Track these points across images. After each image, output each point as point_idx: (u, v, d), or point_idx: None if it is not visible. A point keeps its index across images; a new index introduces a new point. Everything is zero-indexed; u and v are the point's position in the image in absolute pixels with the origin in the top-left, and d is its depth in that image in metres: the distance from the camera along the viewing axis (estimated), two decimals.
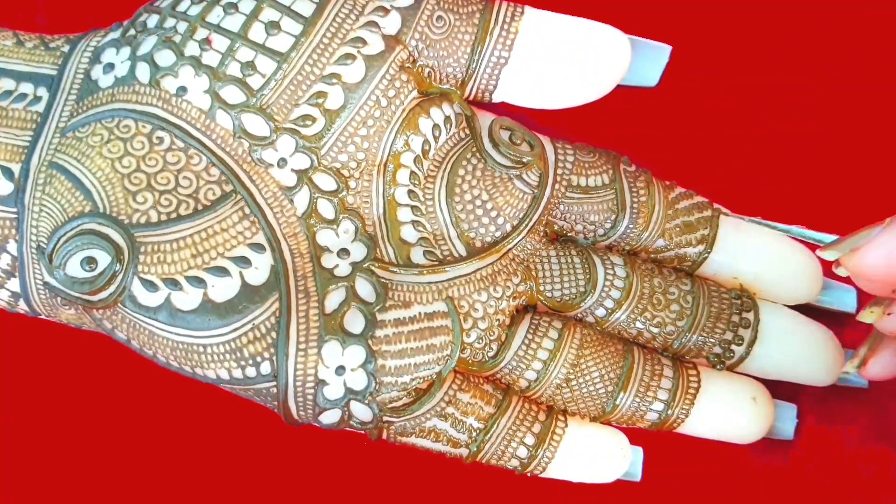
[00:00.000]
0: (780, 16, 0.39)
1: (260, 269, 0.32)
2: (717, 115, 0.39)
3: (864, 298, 0.36)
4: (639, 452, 0.35)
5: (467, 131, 0.35)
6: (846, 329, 0.35)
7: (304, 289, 0.32)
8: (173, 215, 0.32)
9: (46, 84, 0.34)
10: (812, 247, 0.36)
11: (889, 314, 0.29)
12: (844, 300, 0.36)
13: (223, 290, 0.32)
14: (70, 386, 0.37)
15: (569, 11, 0.35)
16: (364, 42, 0.33)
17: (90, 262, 0.31)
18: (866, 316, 0.30)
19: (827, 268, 0.36)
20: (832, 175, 0.39)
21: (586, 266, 0.35)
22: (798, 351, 0.35)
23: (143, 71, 0.33)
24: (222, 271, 0.32)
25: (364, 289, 0.33)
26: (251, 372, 0.32)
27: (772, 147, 0.39)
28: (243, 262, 0.32)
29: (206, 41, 0.33)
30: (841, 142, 0.39)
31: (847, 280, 0.37)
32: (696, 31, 0.39)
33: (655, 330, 0.35)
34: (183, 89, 0.33)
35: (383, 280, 0.33)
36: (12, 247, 0.33)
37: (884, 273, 0.28)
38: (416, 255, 0.34)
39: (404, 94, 0.34)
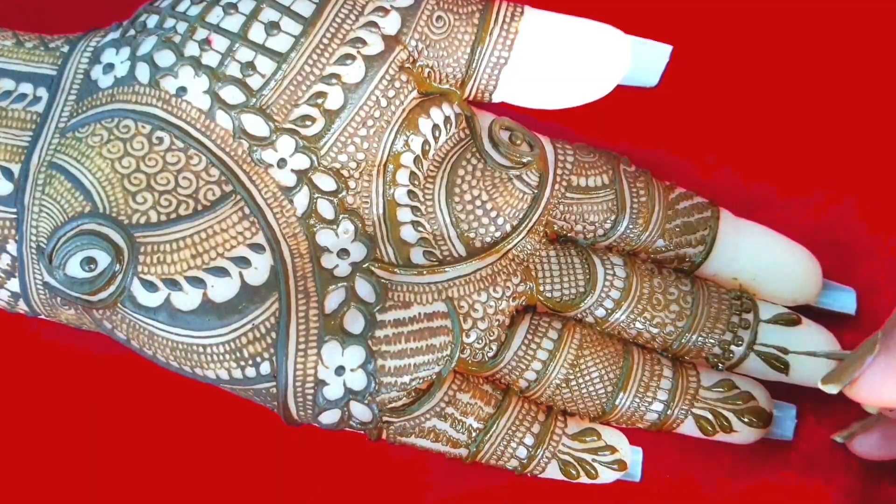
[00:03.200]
0: (781, 16, 0.39)
1: (259, 270, 0.32)
2: (717, 115, 0.39)
3: (863, 300, 0.36)
4: (638, 452, 0.35)
5: (467, 131, 0.35)
6: (845, 331, 0.35)
7: (303, 289, 0.32)
8: (173, 216, 0.32)
9: (46, 84, 0.34)
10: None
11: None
12: (844, 301, 0.36)
13: (223, 290, 0.32)
14: (70, 386, 0.37)
15: (569, 11, 0.35)
16: (364, 42, 0.33)
17: (90, 262, 0.31)
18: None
19: (826, 269, 0.36)
20: (832, 175, 0.38)
21: (586, 266, 0.35)
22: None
23: (142, 71, 0.33)
24: (222, 272, 0.32)
25: (364, 289, 0.33)
26: (251, 372, 0.32)
27: (772, 147, 0.39)
28: (243, 262, 0.32)
29: (206, 41, 0.33)
30: (841, 142, 0.39)
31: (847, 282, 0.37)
32: (696, 31, 0.39)
33: (655, 330, 0.35)
34: (183, 90, 0.33)
35: (383, 280, 0.33)
36: (12, 247, 0.33)
37: (892, 399, 0.27)
38: (416, 256, 0.34)
39: (404, 95, 0.34)
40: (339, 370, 0.32)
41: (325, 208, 0.33)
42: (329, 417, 0.32)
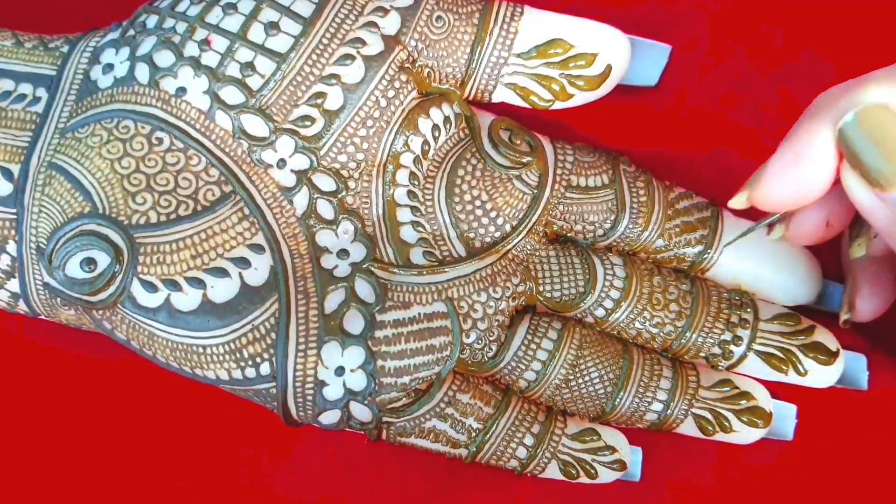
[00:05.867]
0: (780, 15, 0.39)
1: (259, 270, 0.32)
2: (716, 115, 0.39)
3: None
4: (638, 452, 0.35)
5: (467, 132, 0.35)
6: (845, 331, 0.35)
7: (303, 290, 0.32)
8: (173, 216, 0.32)
9: (45, 84, 0.34)
10: (812, 249, 0.35)
11: (875, 237, 0.30)
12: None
13: (223, 290, 0.32)
14: (70, 386, 0.37)
15: (569, 11, 0.35)
16: (363, 42, 0.33)
17: (90, 262, 0.31)
18: (856, 251, 0.31)
19: (826, 269, 0.36)
20: None
21: (586, 266, 0.35)
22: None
23: (142, 71, 0.33)
24: (222, 272, 0.32)
25: (363, 289, 0.33)
26: (251, 373, 0.32)
27: (771, 147, 0.39)
28: (243, 262, 0.32)
29: (206, 42, 0.33)
30: None
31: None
32: (696, 31, 0.39)
33: (654, 330, 0.35)
34: (182, 90, 0.32)
35: (383, 281, 0.33)
36: (12, 248, 0.33)
37: (790, 200, 0.29)
38: (416, 256, 0.34)
39: (404, 95, 0.34)
40: (339, 370, 0.32)
41: (325, 208, 0.33)
42: (329, 418, 0.32)
